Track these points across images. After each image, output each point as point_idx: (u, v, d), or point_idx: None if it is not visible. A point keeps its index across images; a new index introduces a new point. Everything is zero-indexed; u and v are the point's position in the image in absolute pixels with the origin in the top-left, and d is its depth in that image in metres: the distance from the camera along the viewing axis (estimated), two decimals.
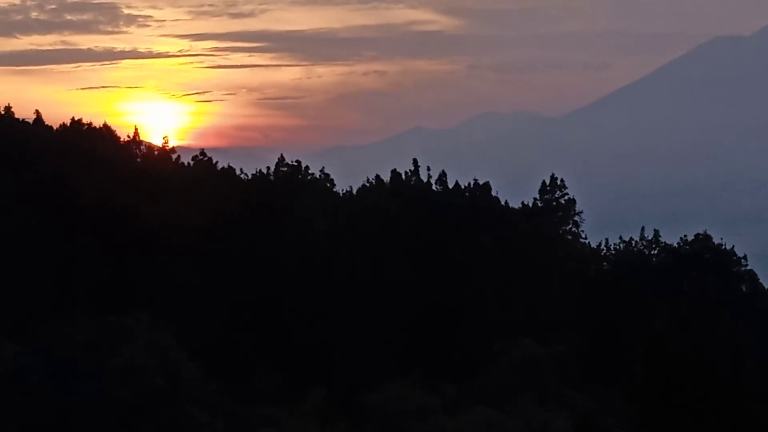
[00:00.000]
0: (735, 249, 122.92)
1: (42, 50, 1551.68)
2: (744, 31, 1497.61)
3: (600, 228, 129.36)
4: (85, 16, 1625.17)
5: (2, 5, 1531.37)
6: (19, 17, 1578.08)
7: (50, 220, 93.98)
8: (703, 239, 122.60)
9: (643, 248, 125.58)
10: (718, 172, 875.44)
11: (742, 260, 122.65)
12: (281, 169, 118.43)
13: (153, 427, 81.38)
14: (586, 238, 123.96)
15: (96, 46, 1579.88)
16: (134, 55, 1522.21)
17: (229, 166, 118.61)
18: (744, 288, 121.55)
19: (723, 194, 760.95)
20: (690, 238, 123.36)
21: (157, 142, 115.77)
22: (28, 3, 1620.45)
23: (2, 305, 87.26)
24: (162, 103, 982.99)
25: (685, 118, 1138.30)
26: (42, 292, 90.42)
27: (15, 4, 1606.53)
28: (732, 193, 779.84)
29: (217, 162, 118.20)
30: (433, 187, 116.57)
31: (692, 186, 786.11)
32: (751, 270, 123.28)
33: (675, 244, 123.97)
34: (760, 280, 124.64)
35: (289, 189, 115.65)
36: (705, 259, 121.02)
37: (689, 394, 33.32)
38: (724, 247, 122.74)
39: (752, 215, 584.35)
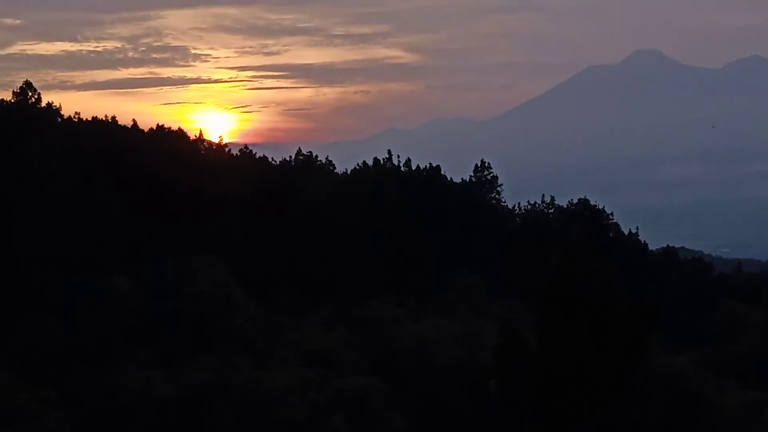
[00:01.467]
0: (605, 208, 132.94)
1: (136, 78, 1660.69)
2: (611, 61, 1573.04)
3: (515, 196, 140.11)
4: (165, 55, 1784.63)
5: (110, 48, 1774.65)
6: (120, 56, 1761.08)
7: (143, 194, 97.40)
8: (584, 201, 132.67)
9: (543, 208, 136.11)
10: (596, 157, 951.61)
11: (610, 216, 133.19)
12: (299, 157, 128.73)
13: (216, 333, 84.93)
14: (504, 202, 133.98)
15: (173, 75, 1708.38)
16: (199, 81, 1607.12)
17: (263, 155, 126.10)
18: (611, 234, 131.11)
19: (598, 172, 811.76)
20: (575, 201, 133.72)
21: (215, 140, 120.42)
22: (127, 46, 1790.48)
23: (114, 251, 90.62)
24: (218, 114, 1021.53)
25: (570, 120, 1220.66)
26: (139, 242, 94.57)
27: (118, 47, 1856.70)
28: (606, 172, 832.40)
29: (255, 153, 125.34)
30: (401, 168, 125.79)
31: (579, 167, 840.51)
32: (616, 223, 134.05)
33: (564, 206, 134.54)
34: (621, 229, 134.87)
35: (305, 171, 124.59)
36: (584, 215, 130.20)
37: (582, 306, 31.88)
38: (597, 206, 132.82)
39: (615, 185, 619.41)
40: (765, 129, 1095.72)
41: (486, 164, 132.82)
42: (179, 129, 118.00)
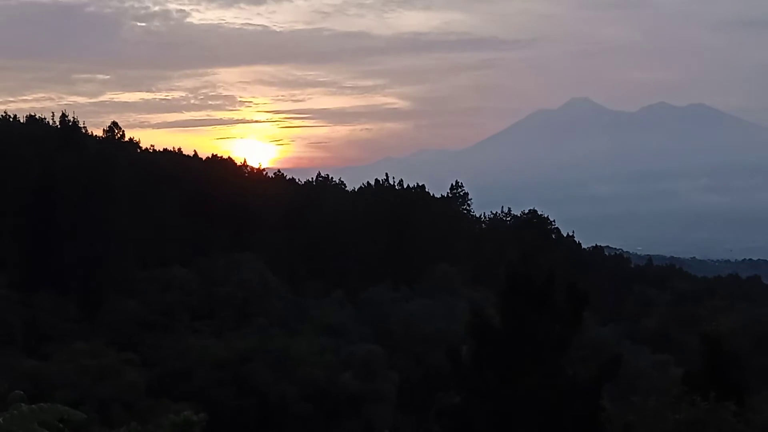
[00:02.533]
0: (549, 217, 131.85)
1: (196, 119, 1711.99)
2: (552, 106, 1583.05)
3: (481, 207, 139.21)
4: (218, 102, 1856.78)
5: (176, 97, 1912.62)
6: (184, 102, 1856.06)
7: (201, 206, 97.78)
8: (533, 212, 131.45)
9: (502, 217, 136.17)
10: (542, 178, 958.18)
11: (553, 223, 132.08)
12: (319, 179, 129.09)
13: (256, 311, 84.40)
14: (473, 212, 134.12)
15: (224, 117, 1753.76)
16: (243, 121, 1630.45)
17: (292, 177, 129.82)
18: (553, 236, 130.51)
19: (544, 190, 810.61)
20: (526, 211, 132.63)
21: (256, 166, 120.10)
22: (190, 95, 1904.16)
23: (179, 249, 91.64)
24: (258, 146, 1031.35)
25: (523, 150, 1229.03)
26: (198, 242, 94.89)
27: (183, 96, 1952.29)
28: (550, 189, 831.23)
29: (286, 176, 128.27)
30: (396, 187, 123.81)
31: (529, 186, 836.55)
32: (557, 228, 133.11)
33: (518, 215, 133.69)
34: (561, 232, 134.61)
35: (323, 189, 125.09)
36: (533, 222, 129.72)
37: (532, 291, 28.90)
38: (543, 216, 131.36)
39: (556, 200, 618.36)
40: (668, 157, 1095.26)
41: (459, 183, 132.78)
42: (229, 158, 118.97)
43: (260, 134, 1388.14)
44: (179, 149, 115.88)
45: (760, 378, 64.29)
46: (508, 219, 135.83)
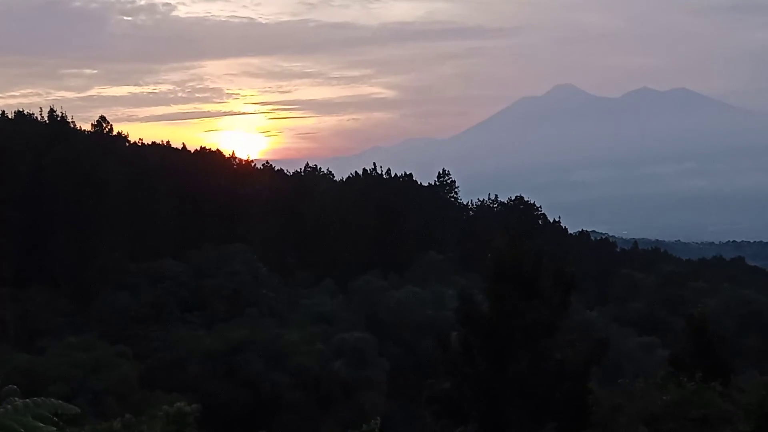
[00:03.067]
0: (535, 203, 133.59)
1: (184, 112, 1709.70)
2: (538, 93, 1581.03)
3: (468, 194, 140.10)
4: (206, 95, 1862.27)
5: (164, 90, 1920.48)
6: (172, 96, 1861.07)
7: (191, 199, 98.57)
8: (519, 198, 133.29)
9: (489, 203, 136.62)
10: (528, 164, 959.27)
11: (539, 208, 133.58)
12: (307, 169, 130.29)
13: (247, 302, 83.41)
14: (460, 200, 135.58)
15: (211, 110, 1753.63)
16: (231, 113, 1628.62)
17: (280, 168, 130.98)
18: (540, 222, 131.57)
19: (530, 176, 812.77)
20: (513, 198, 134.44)
21: (244, 158, 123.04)
22: (177, 88, 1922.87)
23: (169, 241, 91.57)
24: (246, 138, 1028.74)
25: (508, 138, 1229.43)
26: (188, 234, 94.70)
27: (170, 89, 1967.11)
28: (535, 175, 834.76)
29: (274, 167, 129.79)
30: (384, 176, 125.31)
31: (515, 172, 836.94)
32: (543, 213, 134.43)
33: (505, 201, 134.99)
34: (548, 218, 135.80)
35: (311, 179, 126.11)
36: (520, 208, 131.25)
37: (519, 276, 28.96)
38: (529, 202, 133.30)
39: (542, 186, 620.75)
40: (652, 142, 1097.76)
41: (446, 172, 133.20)
42: (217, 150, 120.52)
43: (248, 126, 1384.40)
44: (167, 142, 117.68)
45: (744, 358, 64.79)
46: (495, 206, 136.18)
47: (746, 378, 32.64)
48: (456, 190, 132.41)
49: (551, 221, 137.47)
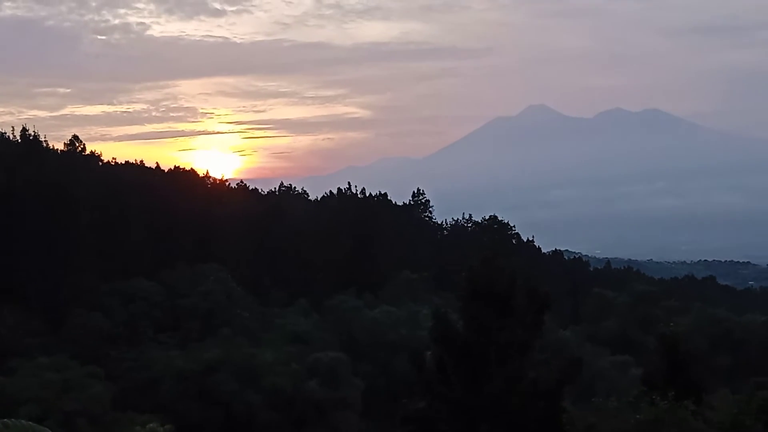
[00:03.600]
0: (509, 222, 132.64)
1: (158, 131, 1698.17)
2: (511, 113, 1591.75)
3: (443, 214, 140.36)
4: (180, 114, 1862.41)
5: (138, 109, 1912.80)
6: (146, 115, 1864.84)
7: (164, 218, 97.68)
8: (493, 217, 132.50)
9: (464, 223, 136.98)
10: (502, 184, 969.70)
11: (513, 228, 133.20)
12: (281, 189, 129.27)
13: (221, 321, 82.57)
14: (435, 219, 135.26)
15: (185, 129, 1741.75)
16: (205, 132, 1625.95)
17: (255, 188, 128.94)
18: (514, 241, 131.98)
19: (504, 195, 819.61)
20: (487, 217, 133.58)
21: (219, 177, 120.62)
22: (151, 108, 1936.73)
23: (142, 260, 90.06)
24: (220, 157, 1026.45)
25: (482, 157, 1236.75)
26: (162, 253, 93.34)
27: (144, 108, 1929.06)
28: (509, 195, 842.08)
29: (248, 186, 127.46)
30: (358, 195, 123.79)
31: (489, 192, 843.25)
32: (517, 233, 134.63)
33: (479, 220, 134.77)
34: (522, 237, 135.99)
35: (286, 198, 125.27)
36: (494, 227, 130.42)
37: (493, 295, 29.63)
38: (503, 221, 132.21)
39: (516, 205, 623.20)
40: (625, 161, 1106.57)
41: (421, 191, 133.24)
42: (191, 169, 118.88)
43: (222, 145, 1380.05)
44: (141, 161, 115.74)
45: (716, 377, 65.09)
46: (470, 225, 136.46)
47: (718, 396, 32.78)
48: (430, 209, 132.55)
49: (525, 240, 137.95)
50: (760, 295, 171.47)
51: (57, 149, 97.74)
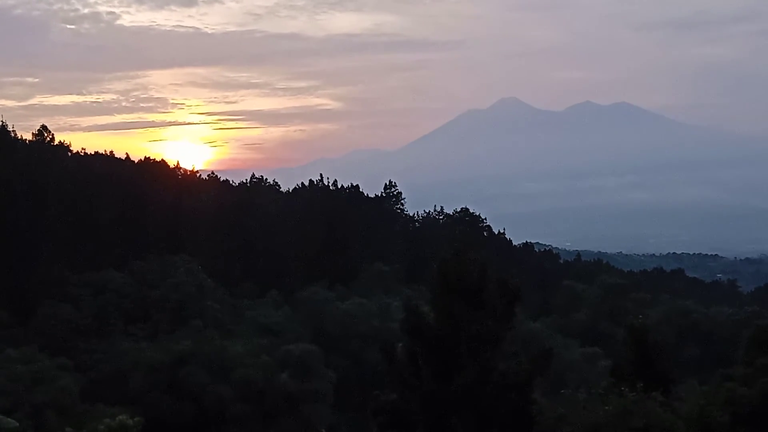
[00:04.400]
0: (480, 215, 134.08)
1: (128, 122, 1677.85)
2: (482, 106, 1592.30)
3: (414, 206, 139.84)
4: (150, 104, 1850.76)
5: (108, 99, 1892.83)
6: (116, 105, 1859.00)
7: (134, 209, 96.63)
8: (465, 210, 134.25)
9: (435, 215, 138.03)
10: (473, 177, 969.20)
11: (484, 220, 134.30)
12: (253, 180, 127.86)
13: (191, 313, 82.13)
14: (407, 211, 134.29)
15: (156, 119, 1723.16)
16: (176, 123, 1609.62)
17: (226, 179, 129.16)
18: (485, 234, 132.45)
19: (475, 188, 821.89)
20: (458, 209, 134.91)
21: (189, 168, 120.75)
22: (121, 98, 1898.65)
23: (112, 252, 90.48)
24: (191, 148, 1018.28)
25: (454, 150, 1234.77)
26: (132, 245, 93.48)
27: (114, 99, 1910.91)
28: (480, 188, 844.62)
29: (219, 177, 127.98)
30: (330, 187, 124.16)
31: (461, 184, 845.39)
32: (488, 225, 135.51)
33: (451, 213, 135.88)
34: (493, 230, 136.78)
35: (257, 190, 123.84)
36: (465, 220, 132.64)
37: (465, 287, 29.56)
38: (474, 213, 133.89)
39: (487, 198, 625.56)
40: (595, 155, 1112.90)
41: (393, 183, 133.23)
42: (162, 160, 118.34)
43: (193, 136, 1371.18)
44: (111, 152, 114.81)
45: (684, 368, 65.79)
46: (441, 217, 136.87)
47: (686, 388, 33.06)
48: (402, 201, 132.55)
49: (496, 233, 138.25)
50: (728, 287, 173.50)
51: (25, 139, 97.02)
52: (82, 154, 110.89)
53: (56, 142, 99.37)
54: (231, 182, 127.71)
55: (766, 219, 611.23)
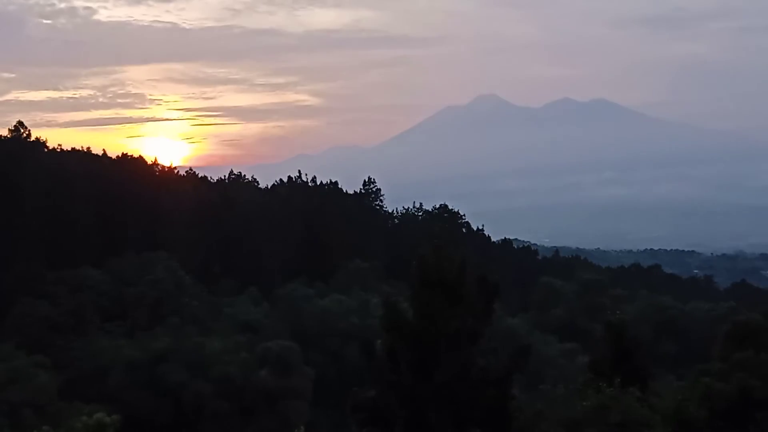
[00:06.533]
0: (459, 211, 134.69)
1: (105, 118, 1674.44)
2: (461, 102, 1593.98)
3: (393, 202, 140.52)
4: (128, 100, 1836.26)
5: (84, 95, 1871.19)
6: (93, 101, 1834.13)
7: (112, 206, 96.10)
8: (443, 206, 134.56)
9: (414, 211, 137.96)
10: (452, 173, 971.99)
11: (463, 217, 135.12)
12: (231, 177, 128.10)
13: (169, 310, 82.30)
14: (386, 208, 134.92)
15: (133, 115, 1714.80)
16: (154, 119, 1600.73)
17: (204, 175, 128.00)
18: (464, 230, 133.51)
19: (454, 184, 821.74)
20: (437, 206, 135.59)
21: (167, 164, 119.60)
22: (98, 93, 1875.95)
23: (89, 249, 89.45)
24: (169, 144, 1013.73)
25: (433, 146, 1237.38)
26: (109, 242, 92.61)
27: (91, 94, 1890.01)
28: (459, 184, 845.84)
29: (198, 174, 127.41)
30: (309, 184, 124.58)
31: (439, 181, 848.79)
32: (467, 221, 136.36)
33: (429, 209, 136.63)
34: (472, 226, 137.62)
35: (235, 187, 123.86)
36: (444, 216, 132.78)
37: (443, 284, 28.31)
38: (453, 210, 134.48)
39: (466, 194, 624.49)
40: (573, 151, 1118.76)
41: (372, 180, 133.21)
42: (139, 156, 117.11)
43: (171, 132, 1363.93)
44: (88, 148, 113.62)
45: (661, 364, 66.42)
46: (420, 214, 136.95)
47: (663, 383, 33.32)
48: (381, 198, 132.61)
49: (475, 229, 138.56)
50: (705, 283, 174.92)
51: (1, 135, 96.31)
52: (59, 150, 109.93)
53: (32, 138, 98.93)
54: (209, 179, 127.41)
55: (743, 215, 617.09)
